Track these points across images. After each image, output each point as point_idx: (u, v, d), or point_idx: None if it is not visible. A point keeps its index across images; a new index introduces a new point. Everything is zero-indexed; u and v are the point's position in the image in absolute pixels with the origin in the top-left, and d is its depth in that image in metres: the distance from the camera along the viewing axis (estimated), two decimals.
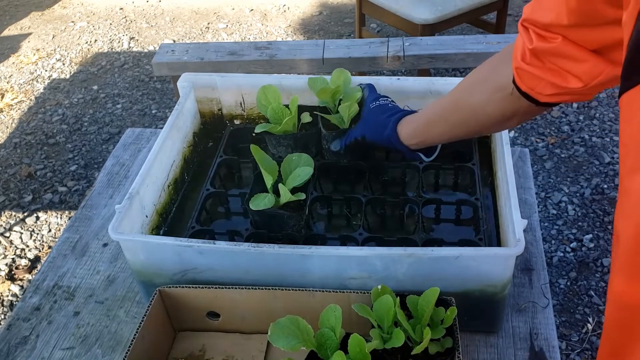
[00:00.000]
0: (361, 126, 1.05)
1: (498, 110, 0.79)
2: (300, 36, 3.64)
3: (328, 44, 2.19)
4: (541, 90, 0.70)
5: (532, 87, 0.70)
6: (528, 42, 0.67)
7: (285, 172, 1.03)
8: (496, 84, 0.77)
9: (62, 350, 0.96)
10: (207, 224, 1.08)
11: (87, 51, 3.60)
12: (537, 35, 0.66)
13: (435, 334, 0.80)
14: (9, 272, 2.23)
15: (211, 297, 0.90)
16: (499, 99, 0.77)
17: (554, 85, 0.68)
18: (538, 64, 0.68)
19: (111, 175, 1.31)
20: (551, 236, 2.23)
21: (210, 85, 1.23)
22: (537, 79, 0.69)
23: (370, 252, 0.86)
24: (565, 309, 1.97)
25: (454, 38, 2.21)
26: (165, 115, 3.02)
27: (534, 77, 0.69)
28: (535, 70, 0.68)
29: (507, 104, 0.77)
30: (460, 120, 0.88)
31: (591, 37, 0.62)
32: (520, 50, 0.69)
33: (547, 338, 0.93)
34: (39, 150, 2.85)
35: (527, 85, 0.71)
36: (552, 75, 0.67)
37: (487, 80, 0.80)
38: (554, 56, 0.65)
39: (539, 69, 0.68)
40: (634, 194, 0.48)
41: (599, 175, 2.48)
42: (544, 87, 0.69)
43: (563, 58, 0.65)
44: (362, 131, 1.04)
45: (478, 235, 1.00)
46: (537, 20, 0.65)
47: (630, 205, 0.49)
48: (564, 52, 0.64)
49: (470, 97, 0.84)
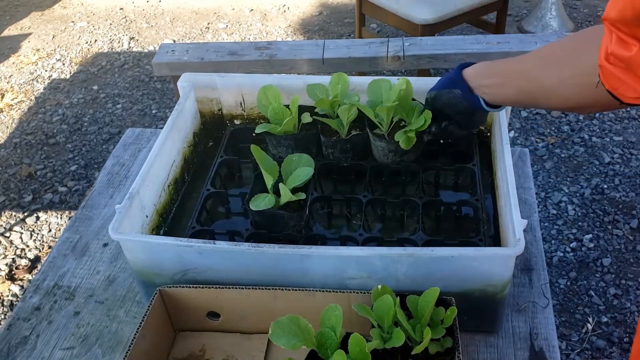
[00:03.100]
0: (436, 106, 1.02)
1: (574, 95, 0.76)
2: (300, 36, 3.64)
3: (328, 44, 2.19)
4: (623, 92, 0.66)
5: (616, 87, 0.66)
6: (608, 42, 0.63)
7: (286, 172, 1.04)
8: (578, 69, 0.74)
9: (62, 350, 0.96)
10: (207, 224, 1.08)
11: (87, 51, 3.60)
12: (617, 39, 0.62)
13: (435, 334, 0.80)
14: (9, 272, 2.23)
15: (211, 297, 0.90)
16: (578, 84, 0.74)
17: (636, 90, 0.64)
18: (622, 66, 0.64)
19: (111, 175, 1.31)
20: (551, 236, 2.23)
21: (210, 85, 1.23)
22: (619, 80, 0.65)
23: (370, 252, 0.86)
24: (565, 309, 1.97)
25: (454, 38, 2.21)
26: (165, 115, 3.03)
27: (616, 79, 0.65)
28: (618, 71, 0.64)
29: (587, 92, 0.73)
30: (528, 91, 0.85)
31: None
32: (605, 48, 0.65)
33: (547, 338, 0.93)
34: (39, 150, 2.85)
35: (610, 84, 0.67)
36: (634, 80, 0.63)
37: (568, 62, 0.77)
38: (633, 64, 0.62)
39: (622, 70, 0.64)
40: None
41: (599, 175, 2.48)
42: (626, 89, 0.65)
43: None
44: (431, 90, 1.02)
45: (478, 235, 1.00)
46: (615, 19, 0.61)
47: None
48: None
49: (545, 73, 0.80)
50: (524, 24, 3.49)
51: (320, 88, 1.14)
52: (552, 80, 0.78)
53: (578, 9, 3.71)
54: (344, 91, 1.12)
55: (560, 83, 0.77)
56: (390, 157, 1.11)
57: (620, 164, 2.53)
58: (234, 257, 0.89)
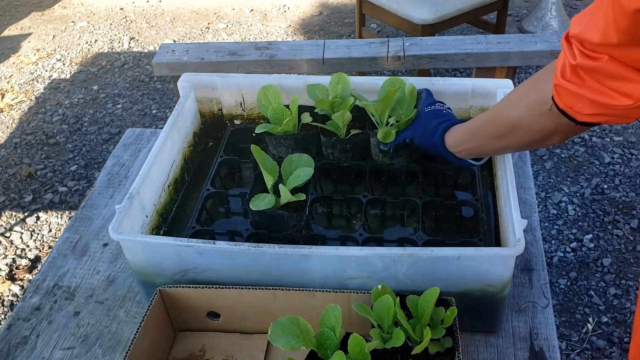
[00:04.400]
0: (412, 129, 1.05)
1: (536, 126, 0.78)
2: (300, 36, 3.64)
3: (328, 44, 2.18)
4: (579, 109, 0.68)
5: (571, 105, 0.69)
6: (571, 57, 0.65)
7: (286, 172, 1.04)
8: (536, 99, 0.77)
9: (62, 350, 0.96)
10: (207, 224, 1.08)
11: (87, 51, 3.60)
12: (582, 53, 0.64)
13: (435, 334, 0.80)
14: (9, 272, 2.23)
15: (211, 297, 0.90)
16: (537, 114, 0.76)
17: (595, 103, 0.66)
18: (577, 81, 0.66)
19: (111, 175, 1.31)
20: (551, 236, 2.23)
21: (210, 85, 1.23)
22: (576, 96, 0.67)
23: (370, 252, 0.86)
24: (565, 309, 1.97)
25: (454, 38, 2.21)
26: (166, 115, 3.03)
27: (572, 95, 0.67)
28: (575, 87, 0.66)
29: (545, 120, 0.75)
30: (498, 135, 0.87)
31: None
32: (561, 66, 0.68)
33: (547, 338, 0.93)
34: (39, 150, 2.85)
35: (565, 102, 0.69)
36: (593, 93, 0.65)
37: (527, 95, 0.80)
38: (599, 74, 0.64)
39: (579, 86, 0.66)
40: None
41: (599, 175, 2.48)
42: (583, 105, 0.67)
43: (610, 77, 0.63)
44: (412, 134, 1.05)
45: (478, 235, 1.00)
46: (583, 38, 0.64)
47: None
48: (610, 71, 0.62)
49: (509, 111, 0.83)
50: (524, 24, 3.49)
51: (320, 88, 1.15)
52: (517, 114, 0.81)
53: (578, 9, 3.71)
54: (344, 91, 1.12)
55: (523, 115, 0.79)
56: (380, 157, 1.12)
57: (620, 164, 2.53)
58: (234, 257, 0.89)
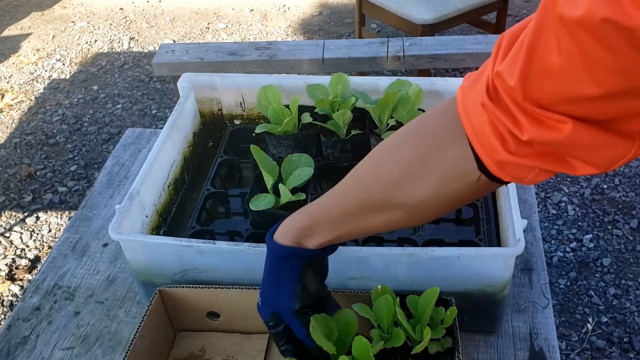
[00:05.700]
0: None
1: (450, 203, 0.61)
2: (300, 36, 3.64)
3: (328, 44, 2.19)
4: (532, 179, 0.53)
5: (521, 177, 0.53)
6: (515, 129, 0.48)
7: (286, 172, 1.04)
8: (447, 173, 0.57)
9: (62, 350, 0.96)
10: (207, 224, 1.08)
11: (87, 51, 3.60)
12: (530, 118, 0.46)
13: (435, 334, 0.80)
14: (9, 272, 2.23)
15: (211, 297, 0.90)
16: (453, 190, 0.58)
17: (550, 172, 0.52)
18: (528, 152, 0.50)
19: (111, 175, 1.31)
20: (551, 236, 2.23)
21: (210, 85, 1.23)
22: (527, 169, 0.52)
23: (370, 252, 0.86)
24: (565, 309, 1.97)
25: (454, 38, 2.21)
26: (165, 115, 3.02)
27: (523, 168, 0.52)
28: (525, 160, 0.50)
29: (467, 191, 0.58)
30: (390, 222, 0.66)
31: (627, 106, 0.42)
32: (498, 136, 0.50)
33: (547, 338, 0.93)
34: (39, 150, 2.85)
35: (512, 176, 0.53)
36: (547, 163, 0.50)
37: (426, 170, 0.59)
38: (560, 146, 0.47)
39: (530, 157, 0.50)
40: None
41: (599, 175, 2.48)
42: (537, 175, 0.53)
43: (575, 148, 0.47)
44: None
45: (478, 235, 1.00)
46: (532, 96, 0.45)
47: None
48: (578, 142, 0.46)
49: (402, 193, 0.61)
50: None
51: (320, 88, 1.15)
52: (421, 196, 0.60)
53: None
54: (344, 91, 1.13)
55: (432, 194, 0.59)
56: None
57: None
58: (234, 257, 0.89)
